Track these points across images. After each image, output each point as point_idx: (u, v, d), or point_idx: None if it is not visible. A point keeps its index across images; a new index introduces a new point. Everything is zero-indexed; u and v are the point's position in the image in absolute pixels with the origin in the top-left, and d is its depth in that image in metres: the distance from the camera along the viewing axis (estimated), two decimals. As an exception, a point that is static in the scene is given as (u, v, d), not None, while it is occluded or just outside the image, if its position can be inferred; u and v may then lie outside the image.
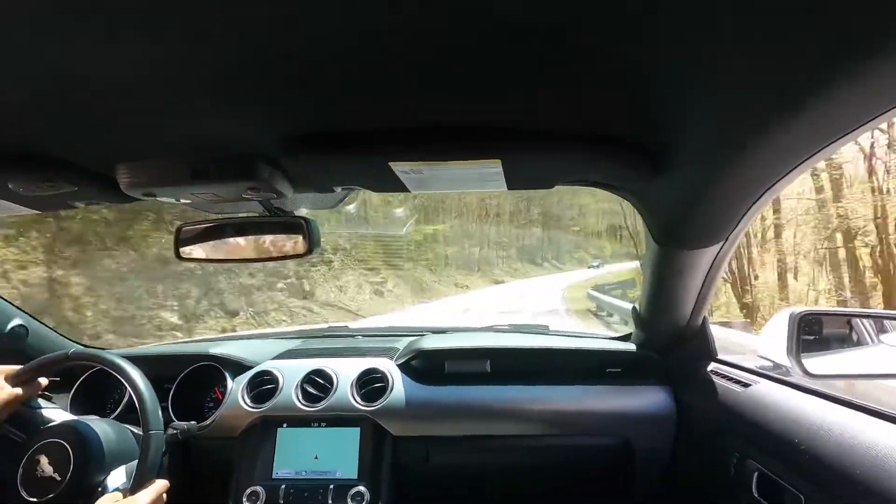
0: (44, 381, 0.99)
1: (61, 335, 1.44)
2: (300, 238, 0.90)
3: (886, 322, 1.43)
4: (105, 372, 0.99)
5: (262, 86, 0.54)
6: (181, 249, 0.94)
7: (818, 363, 1.08)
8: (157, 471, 0.90)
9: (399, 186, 0.81)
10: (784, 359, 1.05)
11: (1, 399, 0.90)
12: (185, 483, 0.96)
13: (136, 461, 0.90)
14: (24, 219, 6.34)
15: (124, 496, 0.86)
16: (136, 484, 0.88)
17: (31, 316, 1.34)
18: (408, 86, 0.53)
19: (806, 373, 1.02)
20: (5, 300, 1.30)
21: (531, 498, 1.42)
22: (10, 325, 1.26)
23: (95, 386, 1.30)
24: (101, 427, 0.95)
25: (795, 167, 0.61)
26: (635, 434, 1.23)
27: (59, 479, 0.87)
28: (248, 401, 1.24)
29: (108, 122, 0.62)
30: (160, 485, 0.89)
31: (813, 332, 1.21)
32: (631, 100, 0.56)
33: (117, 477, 0.92)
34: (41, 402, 1.00)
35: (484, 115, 0.61)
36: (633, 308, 1.29)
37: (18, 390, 0.93)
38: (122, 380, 0.97)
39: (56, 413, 0.97)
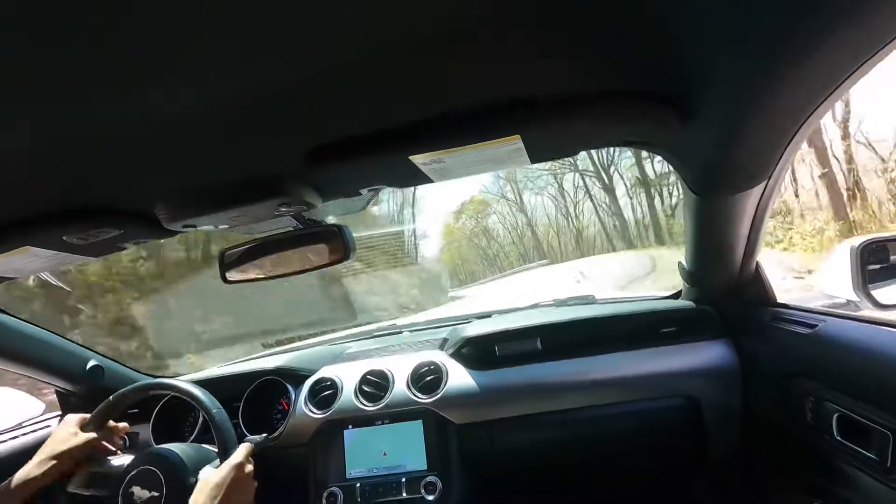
0: (122, 425, 1.09)
1: (133, 370, 1.53)
2: (336, 244, 0.92)
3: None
4: (176, 399, 1.05)
5: (281, 109, 0.55)
6: (227, 273, 0.99)
7: (889, 292, 1.01)
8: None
9: (423, 179, 0.81)
10: (851, 293, 1.00)
11: (76, 444, 0.98)
12: (264, 492, 1.01)
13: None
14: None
15: None
16: (222, 453, 0.96)
17: (103, 356, 1.43)
18: (416, 76, 0.53)
19: (876, 304, 0.97)
20: (79, 344, 1.39)
21: (603, 470, 1.40)
22: (88, 366, 1.36)
23: (171, 414, 1.38)
24: (178, 446, 1.01)
25: (832, 92, 0.57)
26: (701, 391, 1.19)
27: (157, 494, 0.92)
28: (312, 408, 1.29)
29: (143, 167, 0.65)
30: (244, 446, 0.97)
31: (878, 261, 1.14)
32: (651, 51, 0.53)
33: (207, 471, 0.96)
34: (109, 458, 1.05)
35: (496, 91, 0.59)
36: (680, 264, 1.25)
37: (92, 434, 1.01)
38: (179, 394, 1.04)
39: (127, 458, 1.02)
